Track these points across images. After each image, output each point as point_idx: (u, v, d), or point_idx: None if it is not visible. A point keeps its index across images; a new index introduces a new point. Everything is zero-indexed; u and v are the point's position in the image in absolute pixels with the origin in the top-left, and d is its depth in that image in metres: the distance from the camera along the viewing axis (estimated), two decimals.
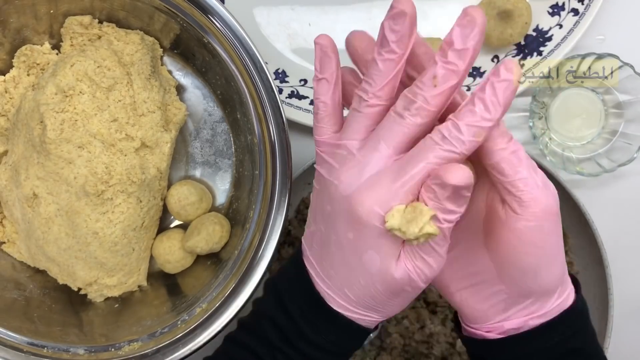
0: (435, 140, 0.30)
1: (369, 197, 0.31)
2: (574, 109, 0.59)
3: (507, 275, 0.34)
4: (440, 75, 0.30)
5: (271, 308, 0.38)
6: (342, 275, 0.34)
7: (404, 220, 0.30)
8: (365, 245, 0.32)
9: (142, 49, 0.52)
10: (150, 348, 0.50)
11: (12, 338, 0.51)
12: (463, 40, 0.29)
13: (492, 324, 0.36)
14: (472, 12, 0.29)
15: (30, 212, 0.52)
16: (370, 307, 0.35)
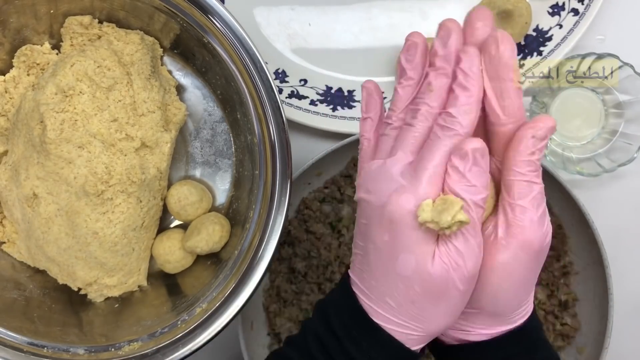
0: (437, 133, 0.33)
1: (397, 197, 0.33)
2: (574, 109, 0.59)
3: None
4: (433, 80, 0.33)
5: (317, 325, 0.38)
6: (382, 283, 0.34)
7: (436, 212, 0.31)
8: (400, 245, 0.33)
9: (142, 49, 0.52)
10: (150, 348, 0.50)
11: (12, 338, 0.51)
12: (443, 47, 0.33)
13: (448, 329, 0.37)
14: (446, 23, 0.33)
15: (30, 212, 0.52)
16: (412, 316, 0.34)
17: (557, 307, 0.58)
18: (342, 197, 0.60)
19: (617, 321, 0.55)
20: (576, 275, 0.58)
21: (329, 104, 0.60)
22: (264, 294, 0.61)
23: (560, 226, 0.58)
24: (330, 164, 0.59)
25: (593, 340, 0.56)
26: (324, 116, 0.59)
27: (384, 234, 0.34)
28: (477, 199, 0.32)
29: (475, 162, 0.31)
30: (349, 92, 0.60)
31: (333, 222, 0.60)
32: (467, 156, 0.31)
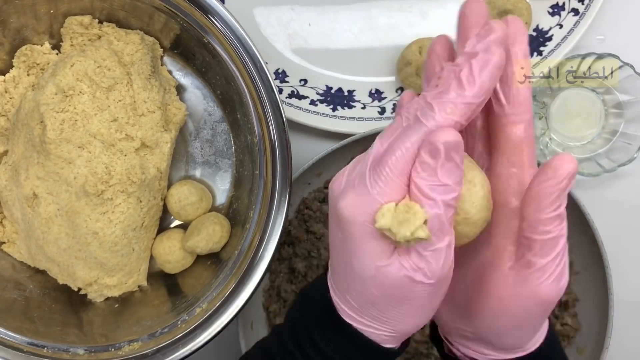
0: (411, 125, 0.29)
1: (351, 194, 0.30)
2: (574, 109, 0.59)
3: (476, 323, 0.34)
4: (444, 76, 0.29)
5: (294, 315, 0.37)
6: (343, 280, 0.33)
7: (396, 220, 0.28)
8: (354, 246, 0.30)
9: (142, 49, 0.52)
10: (150, 348, 0.50)
11: (12, 338, 0.51)
12: (473, 46, 0.29)
13: (454, 338, 0.36)
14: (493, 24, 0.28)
15: (30, 212, 0.52)
16: (375, 317, 0.32)
17: (557, 307, 0.58)
18: None
19: (617, 321, 0.55)
20: (576, 275, 0.58)
21: (329, 104, 0.60)
22: (264, 294, 0.61)
23: None
24: (330, 164, 0.59)
25: (593, 340, 0.56)
26: (324, 116, 0.59)
27: (337, 231, 0.31)
28: (448, 198, 0.28)
29: (447, 157, 0.27)
30: (349, 92, 0.60)
31: None
32: (438, 151, 0.27)
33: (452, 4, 0.59)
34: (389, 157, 0.29)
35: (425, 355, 0.58)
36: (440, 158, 0.27)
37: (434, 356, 0.57)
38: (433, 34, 0.59)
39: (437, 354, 0.57)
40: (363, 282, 0.31)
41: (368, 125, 0.59)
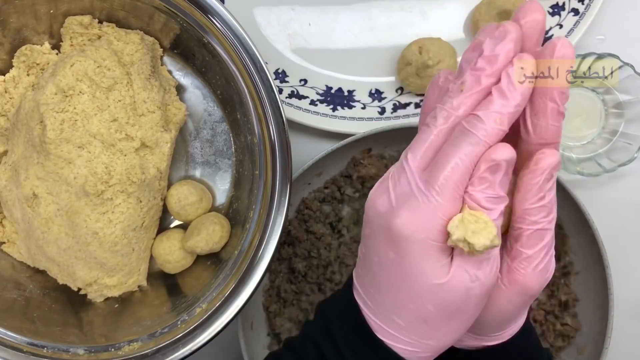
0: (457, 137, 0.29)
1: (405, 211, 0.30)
2: (574, 109, 0.59)
3: None
4: (468, 80, 0.30)
5: (318, 333, 0.36)
6: (388, 300, 0.32)
7: (470, 232, 0.28)
8: (412, 264, 0.30)
9: (142, 48, 0.52)
10: (150, 348, 0.50)
11: (11, 338, 0.51)
12: (492, 48, 0.29)
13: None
14: (506, 25, 0.29)
15: (30, 212, 0.52)
16: (423, 335, 0.32)
17: (557, 307, 0.58)
18: (342, 197, 0.60)
19: (617, 321, 0.55)
20: (576, 276, 0.58)
21: (329, 104, 0.60)
22: (264, 294, 0.61)
23: (560, 226, 0.58)
24: (330, 164, 0.59)
25: (593, 340, 0.56)
26: (324, 116, 0.59)
27: (389, 251, 0.31)
28: (501, 207, 0.29)
29: (506, 172, 0.29)
30: (349, 92, 0.60)
31: (333, 222, 0.60)
32: (499, 167, 0.28)
33: (452, 4, 0.59)
34: (441, 169, 0.29)
35: None
36: (500, 174, 0.29)
37: None
38: (433, 34, 0.59)
39: None
40: (418, 298, 0.31)
41: (368, 125, 0.59)
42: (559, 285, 0.58)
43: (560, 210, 0.58)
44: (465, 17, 0.59)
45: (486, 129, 0.29)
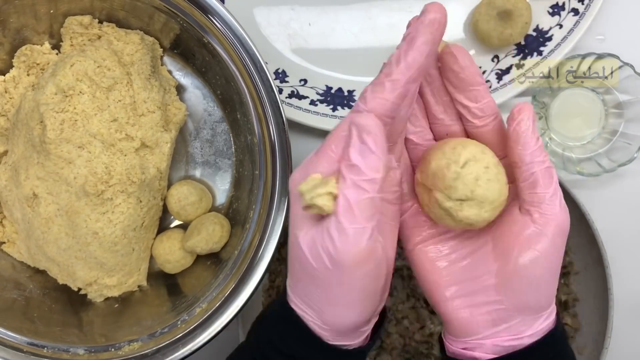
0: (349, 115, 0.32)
1: (296, 170, 0.33)
2: (574, 109, 0.59)
3: (510, 285, 0.34)
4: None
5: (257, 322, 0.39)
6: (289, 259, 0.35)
7: (309, 186, 0.30)
8: (291, 216, 0.33)
9: (142, 49, 0.52)
10: (150, 348, 0.50)
11: (12, 338, 0.51)
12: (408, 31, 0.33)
13: (478, 339, 0.35)
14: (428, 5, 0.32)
15: (30, 212, 0.52)
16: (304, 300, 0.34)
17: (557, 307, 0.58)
18: None
19: (617, 321, 0.55)
20: (576, 275, 0.58)
21: (329, 104, 0.60)
22: (264, 294, 0.61)
23: None
24: None
25: (593, 340, 0.56)
26: (324, 116, 0.59)
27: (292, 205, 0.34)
28: (357, 179, 0.30)
29: (360, 139, 0.30)
30: (349, 92, 0.60)
31: None
32: (351, 132, 0.31)
33: (452, 4, 0.59)
34: (329, 137, 0.32)
35: (425, 355, 0.58)
36: (352, 138, 0.30)
37: (433, 356, 0.57)
38: None
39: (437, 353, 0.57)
40: (291, 255, 0.33)
41: None
42: (559, 285, 0.58)
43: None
44: (465, 17, 0.59)
45: (367, 102, 0.31)
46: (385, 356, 0.58)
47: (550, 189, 0.33)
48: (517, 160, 0.33)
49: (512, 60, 0.58)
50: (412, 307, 0.58)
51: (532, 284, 0.34)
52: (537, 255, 0.33)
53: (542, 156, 0.33)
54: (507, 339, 0.35)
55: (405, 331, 0.58)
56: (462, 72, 0.33)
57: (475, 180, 0.32)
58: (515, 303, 0.34)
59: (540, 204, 0.33)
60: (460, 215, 0.33)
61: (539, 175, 0.33)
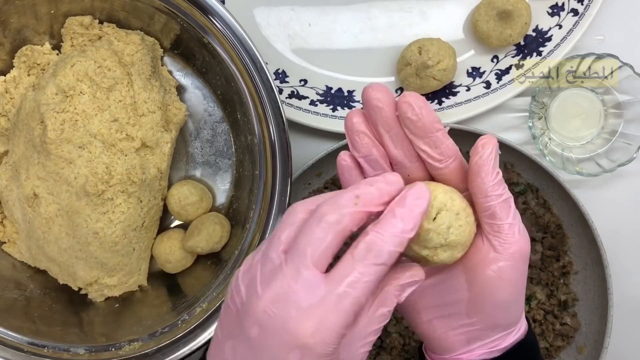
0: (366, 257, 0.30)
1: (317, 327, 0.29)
2: (574, 109, 0.59)
3: (481, 308, 0.36)
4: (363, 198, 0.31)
5: None
6: None
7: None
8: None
9: (142, 49, 0.53)
10: (150, 348, 0.51)
11: (12, 338, 0.51)
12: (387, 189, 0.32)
13: (456, 354, 0.38)
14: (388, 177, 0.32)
15: (31, 212, 0.52)
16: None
17: (556, 307, 0.58)
18: None
19: (617, 321, 0.55)
20: (576, 275, 0.58)
21: (329, 104, 0.60)
22: None
23: (560, 226, 0.58)
24: (330, 164, 0.59)
25: (593, 340, 0.56)
26: (324, 116, 0.59)
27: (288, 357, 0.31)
28: None
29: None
30: (349, 92, 0.60)
31: None
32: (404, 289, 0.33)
33: (451, 4, 0.59)
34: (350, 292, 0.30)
35: None
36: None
37: None
38: (432, 34, 0.59)
39: None
40: None
41: None
42: (559, 285, 0.58)
43: (559, 210, 0.58)
44: (465, 17, 0.60)
45: (390, 251, 0.30)
46: (385, 356, 0.58)
47: (508, 219, 0.34)
48: (477, 192, 0.34)
49: (512, 60, 0.59)
50: None
51: (499, 306, 0.36)
52: (500, 279, 0.35)
53: (500, 189, 0.34)
54: (480, 353, 0.37)
55: (405, 331, 0.58)
56: (420, 121, 0.33)
57: (448, 229, 0.33)
58: (486, 324, 0.36)
59: (499, 233, 0.34)
60: (435, 259, 0.34)
61: (497, 207, 0.34)
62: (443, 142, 0.34)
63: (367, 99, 0.34)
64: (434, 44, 0.56)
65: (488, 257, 0.35)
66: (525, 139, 0.60)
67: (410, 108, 0.33)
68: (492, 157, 0.34)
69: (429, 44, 0.56)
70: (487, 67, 0.59)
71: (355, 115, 0.35)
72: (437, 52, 0.56)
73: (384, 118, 0.34)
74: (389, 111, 0.34)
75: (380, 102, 0.34)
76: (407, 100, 0.33)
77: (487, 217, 0.34)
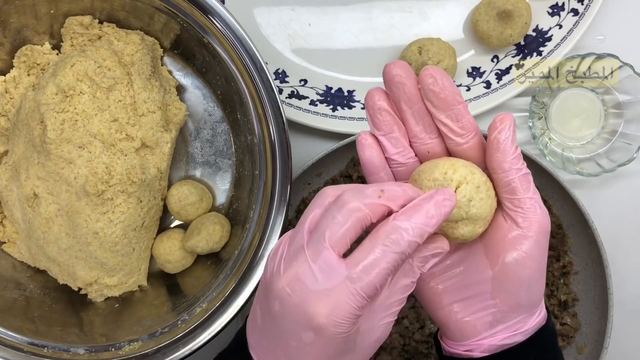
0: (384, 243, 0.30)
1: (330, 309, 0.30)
2: (574, 109, 0.59)
3: (503, 287, 0.35)
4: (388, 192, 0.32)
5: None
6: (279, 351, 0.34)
7: None
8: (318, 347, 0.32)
9: (142, 49, 0.53)
10: (150, 348, 0.50)
11: (12, 338, 0.51)
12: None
13: (477, 340, 0.37)
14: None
15: (31, 212, 0.52)
16: None
17: (557, 307, 0.58)
18: None
19: (617, 321, 0.55)
20: (576, 275, 0.58)
21: (329, 104, 0.60)
22: None
23: (560, 226, 0.58)
24: (330, 164, 0.59)
25: (593, 340, 0.56)
26: (324, 116, 0.59)
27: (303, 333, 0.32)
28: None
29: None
30: (349, 92, 0.60)
31: None
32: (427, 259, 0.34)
33: (451, 4, 0.59)
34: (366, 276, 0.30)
35: (425, 355, 0.58)
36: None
37: (433, 356, 0.58)
38: (433, 34, 0.59)
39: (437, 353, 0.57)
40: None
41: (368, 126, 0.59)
42: (559, 285, 0.58)
43: (560, 210, 0.58)
44: (465, 17, 0.60)
45: (410, 240, 0.30)
46: (385, 356, 0.58)
47: (528, 193, 0.34)
48: (496, 167, 0.34)
49: (512, 60, 0.58)
50: (412, 307, 0.58)
51: (523, 284, 0.35)
52: (523, 256, 0.35)
53: (519, 163, 0.34)
54: (503, 337, 0.36)
55: (405, 331, 0.58)
56: (442, 93, 0.34)
57: (469, 202, 0.34)
58: (509, 304, 0.36)
59: (520, 209, 0.34)
60: (455, 233, 0.34)
61: (517, 181, 0.34)
62: (464, 116, 0.34)
63: (389, 75, 0.35)
64: (434, 43, 0.56)
65: (511, 235, 0.35)
66: (525, 139, 0.60)
67: (433, 80, 0.34)
68: (511, 132, 0.34)
69: (429, 44, 0.56)
70: (487, 67, 0.59)
71: (376, 92, 0.36)
72: (437, 52, 0.56)
73: (406, 93, 0.35)
74: (412, 86, 0.35)
75: (402, 78, 0.35)
76: (429, 72, 0.34)
77: (508, 192, 0.34)
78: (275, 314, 0.32)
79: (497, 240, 0.35)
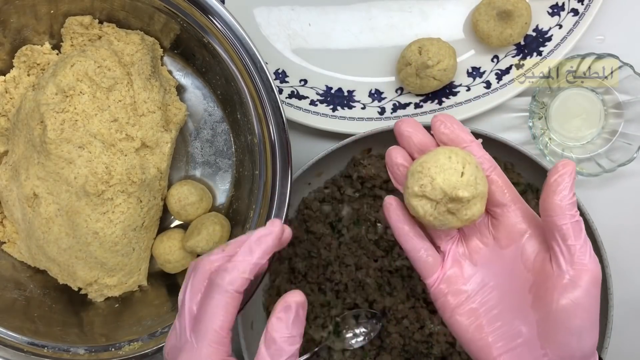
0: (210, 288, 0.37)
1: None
2: (574, 109, 0.59)
3: (553, 337, 0.35)
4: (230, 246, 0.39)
5: None
6: None
7: None
8: None
9: (142, 49, 0.53)
10: (150, 348, 0.51)
11: (12, 338, 0.51)
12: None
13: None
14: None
15: (31, 212, 0.52)
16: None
17: None
18: (342, 197, 0.60)
19: (617, 321, 0.55)
20: None
21: (329, 104, 0.60)
22: (264, 294, 0.61)
23: None
24: (330, 164, 0.59)
25: None
26: (324, 116, 0.59)
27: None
28: (295, 348, 0.35)
29: (297, 314, 0.35)
30: (349, 92, 0.60)
31: (333, 222, 0.60)
32: (290, 308, 0.35)
33: (451, 4, 0.59)
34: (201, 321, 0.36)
35: (425, 355, 0.58)
36: (292, 313, 0.35)
37: (433, 356, 0.58)
38: (433, 34, 0.59)
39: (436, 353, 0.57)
40: None
41: (368, 126, 0.59)
42: None
43: None
44: (465, 17, 0.60)
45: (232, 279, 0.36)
46: (385, 356, 0.58)
47: (580, 240, 0.35)
48: (550, 210, 0.35)
49: (512, 60, 0.59)
50: (412, 307, 0.58)
51: (574, 334, 0.35)
52: (573, 305, 0.34)
53: (574, 210, 0.35)
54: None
55: (405, 331, 0.58)
56: (452, 133, 0.37)
57: (475, 180, 0.35)
58: (560, 355, 0.35)
59: (571, 256, 0.35)
60: (468, 214, 0.36)
61: (570, 227, 0.35)
62: (478, 152, 0.37)
63: (399, 131, 0.38)
64: (434, 43, 0.56)
65: (559, 282, 0.35)
66: (526, 139, 0.60)
67: (442, 123, 0.37)
68: (571, 179, 0.35)
69: (429, 44, 0.56)
70: (487, 67, 0.59)
71: (392, 150, 0.39)
72: (437, 52, 0.56)
73: (416, 144, 0.38)
74: (419, 135, 0.38)
75: (408, 133, 0.38)
76: (438, 118, 0.37)
77: (559, 237, 0.35)
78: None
79: (546, 289, 0.35)
